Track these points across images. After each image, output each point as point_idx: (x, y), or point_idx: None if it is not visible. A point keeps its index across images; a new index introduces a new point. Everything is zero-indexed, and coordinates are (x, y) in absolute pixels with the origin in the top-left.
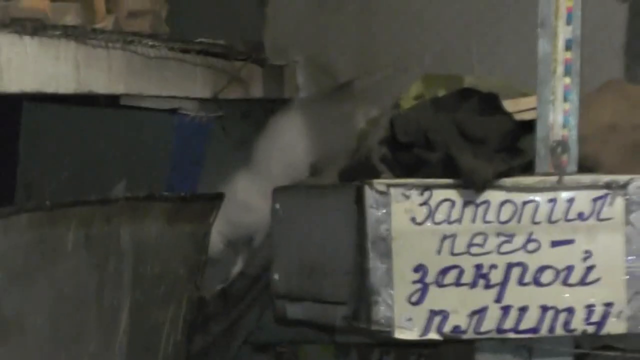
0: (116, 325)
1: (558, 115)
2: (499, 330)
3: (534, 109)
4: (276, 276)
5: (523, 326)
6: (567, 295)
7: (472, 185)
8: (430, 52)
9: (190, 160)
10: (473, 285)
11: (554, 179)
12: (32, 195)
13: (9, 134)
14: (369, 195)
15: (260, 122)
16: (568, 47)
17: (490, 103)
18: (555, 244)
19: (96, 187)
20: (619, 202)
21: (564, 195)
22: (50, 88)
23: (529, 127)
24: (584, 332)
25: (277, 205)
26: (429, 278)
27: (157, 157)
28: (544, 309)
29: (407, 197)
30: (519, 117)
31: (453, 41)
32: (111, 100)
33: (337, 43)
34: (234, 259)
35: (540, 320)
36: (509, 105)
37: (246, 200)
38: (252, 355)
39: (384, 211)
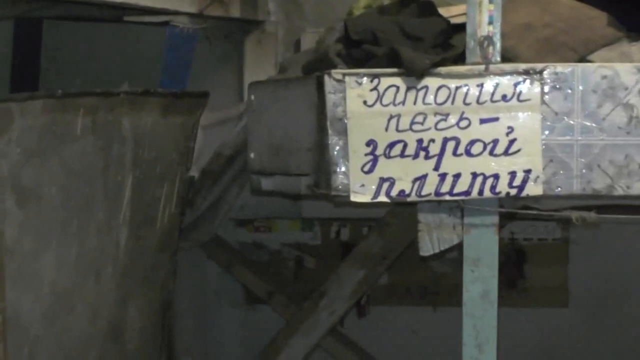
0: (120, 199)
1: (484, 14)
2: (437, 193)
3: (462, 14)
4: (252, 155)
5: (457, 190)
6: (493, 164)
7: (412, 73)
8: None
9: (179, 65)
10: (415, 156)
11: (481, 67)
12: None
13: (33, 47)
14: (328, 83)
15: (239, 42)
16: None
17: (426, 9)
18: (483, 121)
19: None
20: (536, 86)
21: (490, 80)
22: None
23: (457, 29)
24: (508, 194)
25: (252, 97)
26: (379, 151)
27: (152, 62)
28: (474, 175)
29: (360, 84)
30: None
31: None
32: (116, 18)
33: None
34: None
35: (471, 184)
36: (441, 11)
37: None
38: (234, 229)
39: (341, 95)
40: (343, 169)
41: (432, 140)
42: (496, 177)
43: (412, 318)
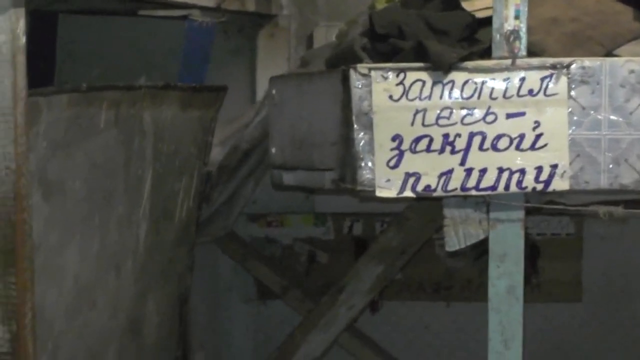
0: (141, 193)
1: (510, 8)
2: (463, 188)
3: (486, 8)
4: (273, 150)
5: (483, 185)
6: (519, 158)
7: (439, 67)
8: None
9: (198, 59)
10: (441, 151)
11: (508, 61)
12: None
13: (48, 42)
14: (354, 77)
15: (252, 36)
16: None
17: (450, 3)
18: (509, 115)
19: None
20: (563, 80)
21: (517, 75)
22: None
23: (482, 23)
24: (534, 189)
25: (273, 91)
26: (404, 146)
27: (171, 56)
28: (501, 170)
29: (385, 78)
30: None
31: None
32: (131, 11)
33: None
34: None
35: (497, 179)
36: (465, 5)
37: None
38: (246, 223)
39: (367, 90)
40: (369, 163)
41: (458, 135)
42: (522, 172)
43: (425, 313)
